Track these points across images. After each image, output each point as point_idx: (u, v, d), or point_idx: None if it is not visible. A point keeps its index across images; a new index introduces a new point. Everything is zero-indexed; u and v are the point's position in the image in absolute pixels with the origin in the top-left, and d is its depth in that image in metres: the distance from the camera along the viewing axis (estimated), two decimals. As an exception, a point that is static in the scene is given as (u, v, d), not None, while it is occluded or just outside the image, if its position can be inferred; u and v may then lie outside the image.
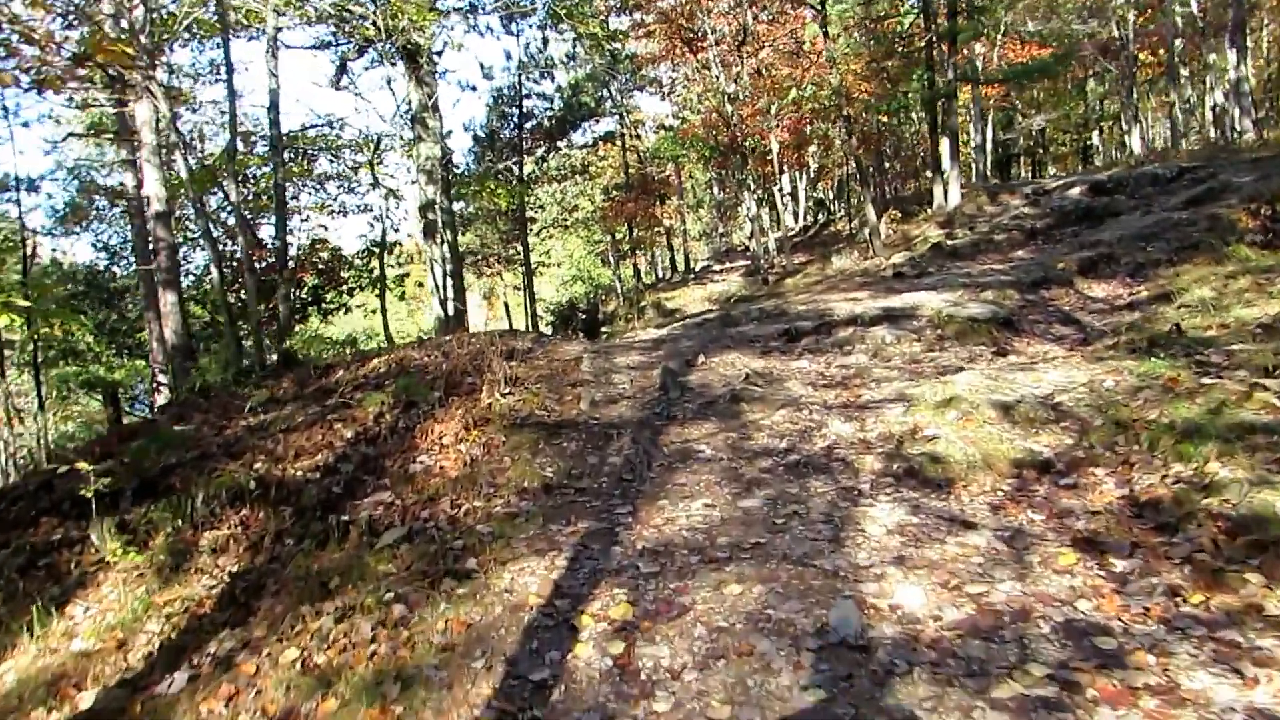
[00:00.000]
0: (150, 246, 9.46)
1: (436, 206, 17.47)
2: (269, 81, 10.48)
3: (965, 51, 18.79)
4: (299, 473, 6.39)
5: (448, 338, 11.00)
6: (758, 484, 5.62)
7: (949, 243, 15.75)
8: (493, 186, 18.05)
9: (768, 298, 15.39)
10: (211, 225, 18.35)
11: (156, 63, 10.05)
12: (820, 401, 7.53)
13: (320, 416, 7.54)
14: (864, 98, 16.68)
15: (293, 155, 17.91)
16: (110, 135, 14.62)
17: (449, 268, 17.49)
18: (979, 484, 5.33)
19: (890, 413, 6.82)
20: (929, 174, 32.45)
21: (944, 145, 18.77)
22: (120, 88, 9.70)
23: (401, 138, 17.96)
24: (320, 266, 22.28)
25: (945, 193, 18.37)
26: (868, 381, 8.16)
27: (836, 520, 4.92)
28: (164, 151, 10.15)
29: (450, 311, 17.51)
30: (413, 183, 17.55)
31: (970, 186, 19.97)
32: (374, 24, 14.38)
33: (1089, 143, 41.82)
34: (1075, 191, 17.14)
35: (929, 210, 18.96)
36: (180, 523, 5.83)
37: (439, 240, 17.56)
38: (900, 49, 18.63)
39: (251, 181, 18.54)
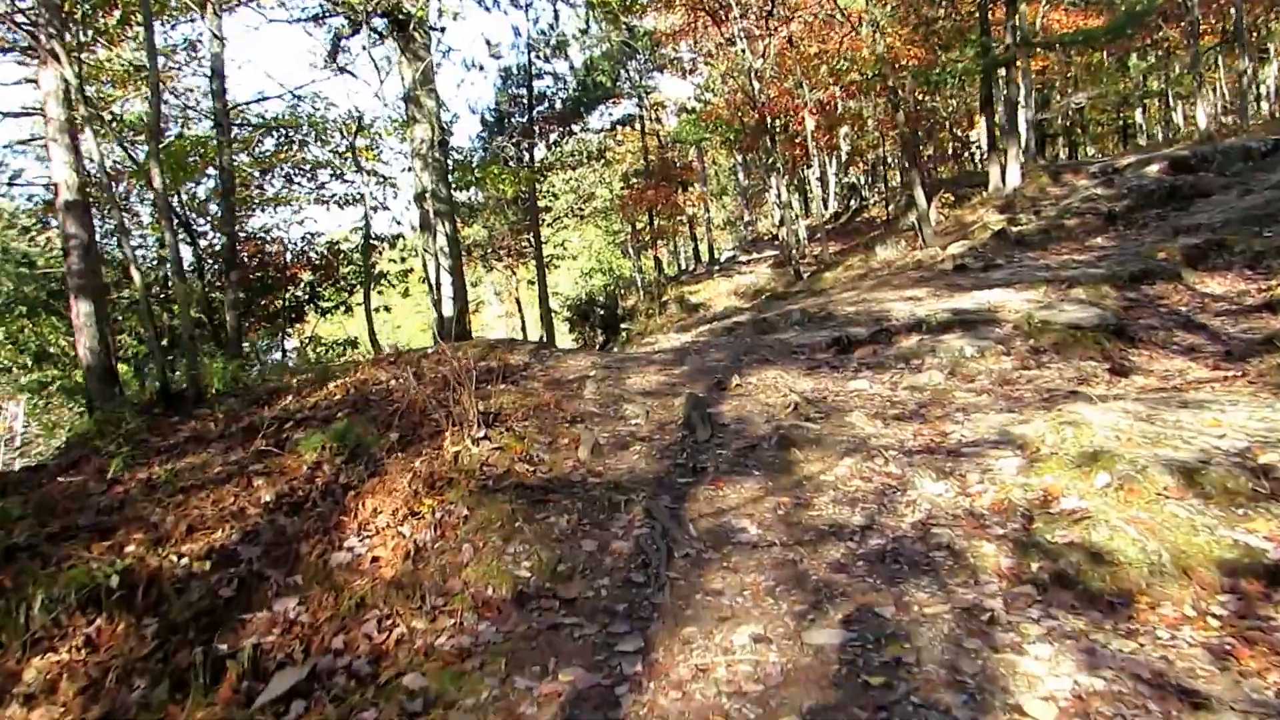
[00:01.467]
0: (61, 245, 7.67)
1: (432, 195, 15.68)
2: (210, 45, 8.76)
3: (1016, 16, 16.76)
4: (186, 560, 4.62)
5: (431, 350, 9.23)
6: (830, 595, 3.78)
7: (1014, 229, 13.78)
8: (496, 173, 16.27)
9: (805, 295, 13.50)
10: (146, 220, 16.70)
11: (68, 22, 8.31)
12: (895, 443, 5.68)
13: (241, 468, 5.77)
14: (913, 65, 14.70)
15: (277, 138, 16.17)
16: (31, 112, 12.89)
17: (448, 263, 15.73)
18: (1174, 603, 3.48)
19: (998, 464, 4.97)
20: (976, 153, 30.41)
21: (1000, 119, 16.73)
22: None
23: (393, 119, 16.19)
24: (316, 262, 20.56)
25: (1003, 173, 16.37)
26: (951, 411, 6.31)
27: (969, 679, 3.08)
28: (95, 128, 8.40)
29: (450, 311, 15.75)
30: (407, 169, 15.80)
31: (1030, 166, 17.92)
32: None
33: (1129, 121, 39.54)
34: (1153, 169, 15.09)
35: (984, 193, 16.97)
36: (5, 638, 4.09)
37: (436, 232, 15.80)
38: (945, 13, 16.59)
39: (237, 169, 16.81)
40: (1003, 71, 15.74)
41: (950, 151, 34.47)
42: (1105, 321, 7.74)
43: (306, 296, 21.63)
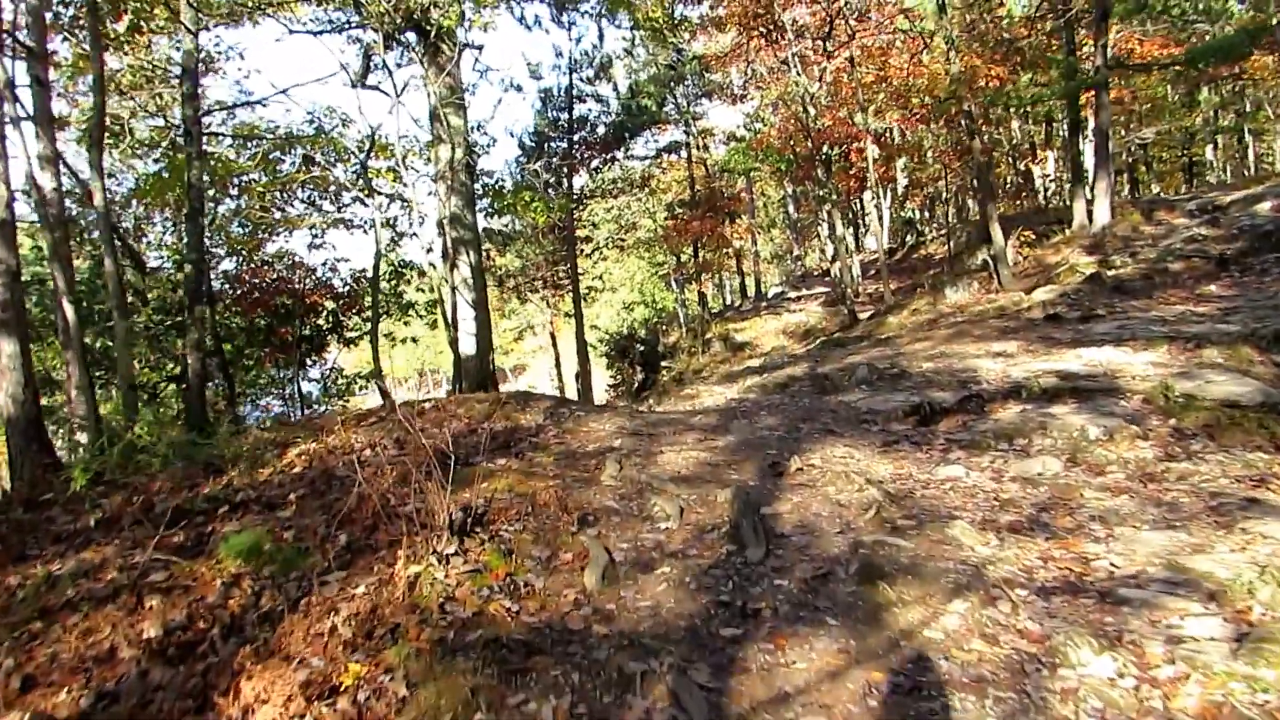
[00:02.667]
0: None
1: (456, 221, 14.38)
2: (183, 39, 7.50)
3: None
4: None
5: (433, 404, 7.82)
6: None
7: (1109, 273, 12.09)
8: (528, 199, 14.95)
9: (868, 344, 11.90)
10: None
11: None
12: (1021, 572, 4.12)
13: (137, 578, 4.34)
14: (993, 86, 13.09)
15: (293, 158, 15.01)
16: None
17: (471, 296, 14.38)
18: None
19: (1187, 627, 3.42)
20: (1043, 189, 28.59)
21: (1083, 149, 15.07)
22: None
23: (417, 139, 14.98)
24: (340, 290, 19.34)
25: (1090, 209, 14.68)
26: (1084, 521, 4.74)
27: None
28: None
29: (470, 350, 14.38)
30: (431, 193, 14.54)
31: (1119, 202, 16.19)
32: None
33: (1197, 158, 37.49)
34: (1265, 206, 13.32)
35: (1066, 231, 15.28)
36: None
37: (459, 262, 14.48)
38: (1029, 31, 14.98)
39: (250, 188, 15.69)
40: (1093, 96, 14.09)
41: (1010, 186, 32.67)
42: (1272, 399, 6.07)
43: (329, 325, 20.47)
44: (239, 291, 17.82)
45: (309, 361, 21.38)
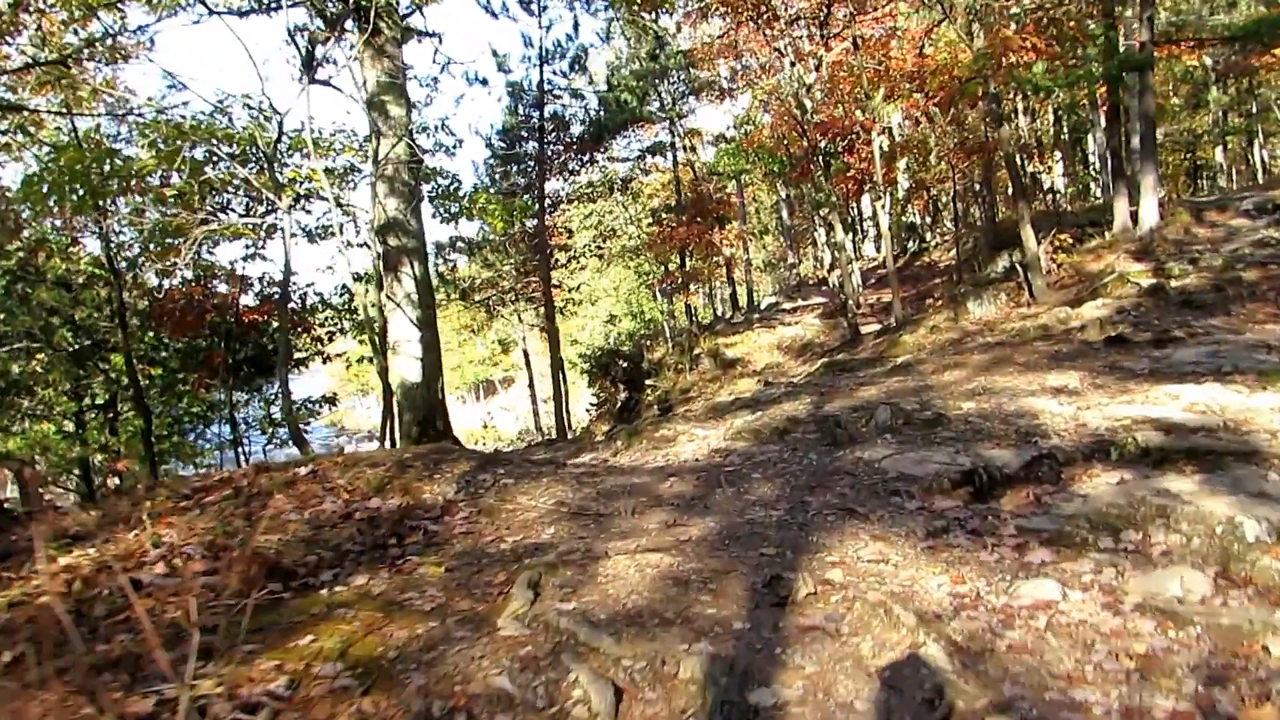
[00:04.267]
0: None
1: (394, 227, 12.38)
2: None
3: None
4: None
5: (307, 469, 5.81)
6: None
7: (1171, 284, 10.13)
8: (483, 203, 12.98)
9: (884, 371, 9.90)
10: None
11: None
12: None
13: None
14: (1025, 64, 11.09)
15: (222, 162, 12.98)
16: None
17: (416, 314, 12.38)
18: None
19: None
20: (1052, 195, 26.66)
21: (1124, 139, 13.11)
22: None
23: (356, 133, 12.98)
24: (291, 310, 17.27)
25: (1134, 209, 12.74)
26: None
27: None
28: None
29: (414, 377, 12.37)
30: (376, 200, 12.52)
31: (1168, 202, 14.23)
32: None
33: (1205, 161, 35.85)
34: (1339, 204, 11.38)
35: (1106, 235, 13.32)
36: None
37: (401, 274, 12.48)
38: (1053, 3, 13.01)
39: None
40: (1135, 77, 12.17)
41: (1025, 185, 30.77)
42: None
43: (272, 347, 18.40)
44: (163, 311, 15.79)
45: (251, 386, 19.33)
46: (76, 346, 15.30)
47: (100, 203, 12.83)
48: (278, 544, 4.34)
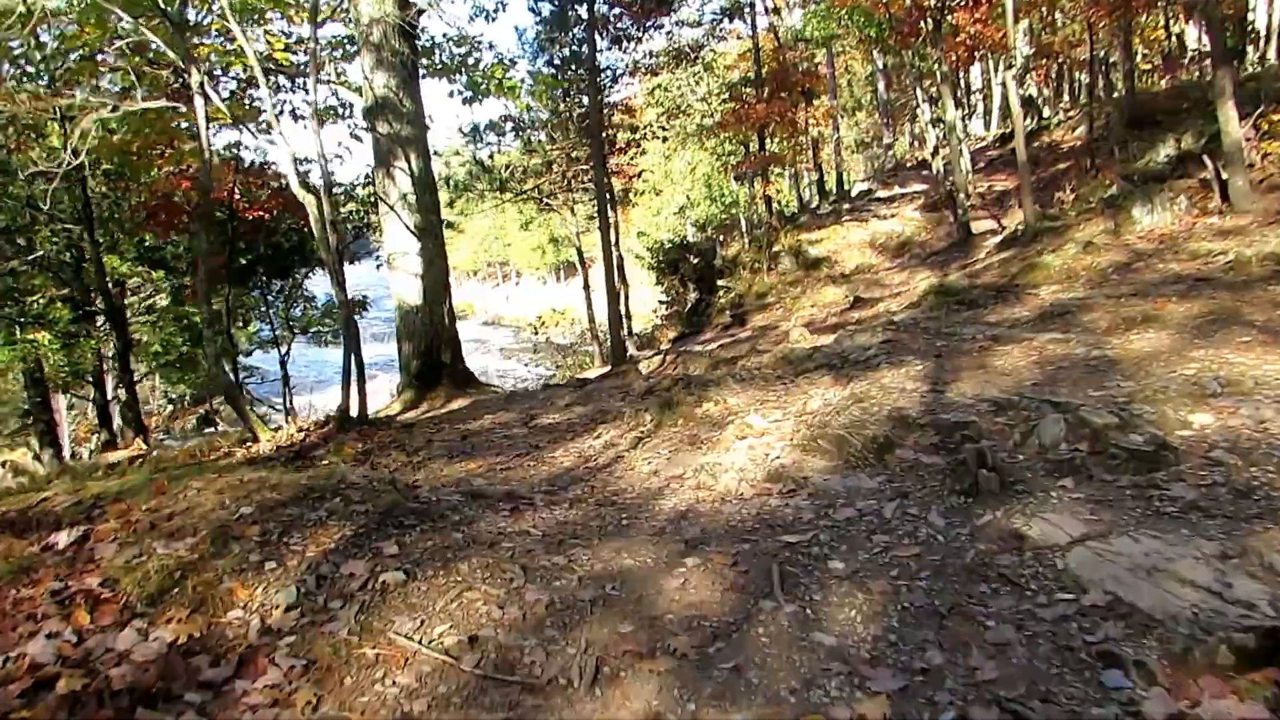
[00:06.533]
0: None
1: (388, 108, 9.80)
2: None
3: None
4: None
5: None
6: None
7: None
8: (499, 78, 10.24)
9: (1030, 315, 7.08)
10: None
11: None
12: None
13: None
14: None
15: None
16: None
17: (414, 219, 9.89)
18: None
19: None
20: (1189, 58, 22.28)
21: None
22: None
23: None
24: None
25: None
26: None
27: None
28: None
29: (415, 299, 9.98)
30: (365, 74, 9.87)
31: None
32: None
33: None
34: None
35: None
36: None
37: (393, 170, 9.95)
38: None
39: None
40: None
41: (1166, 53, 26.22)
42: None
43: (289, 246, 16.27)
44: (151, 210, 13.62)
45: (267, 289, 17.32)
46: (54, 247, 13.32)
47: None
48: None
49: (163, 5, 6.79)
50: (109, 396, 15.05)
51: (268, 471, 4.16)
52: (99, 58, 10.63)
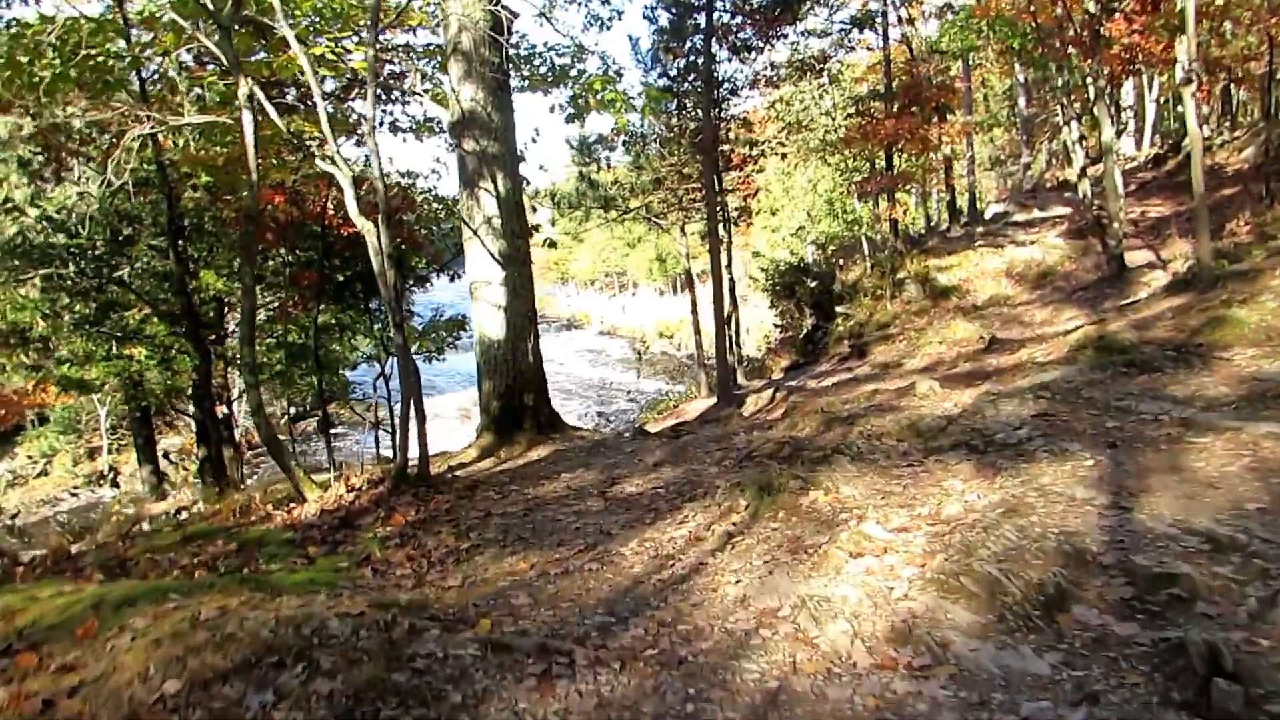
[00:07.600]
0: None
1: (471, 121, 8.97)
2: None
3: None
4: None
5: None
6: None
7: None
8: (599, 89, 9.32)
9: (1231, 402, 5.66)
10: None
11: None
12: None
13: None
14: None
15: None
16: None
17: (499, 245, 9.04)
18: None
19: None
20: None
21: None
22: None
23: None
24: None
25: None
26: None
27: None
28: None
29: (498, 333, 9.11)
30: (451, 84, 9.09)
31: None
32: None
33: None
34: None
35: None
36: None
37: (479, 191, 9.12)
38: None
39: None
40: None
41: None
42: None
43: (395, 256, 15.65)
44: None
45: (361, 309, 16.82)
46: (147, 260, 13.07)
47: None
48: None
49: (212, 6, 6.09)
50: (220, 414, 14.84)
51: (241, 601, 3.23)
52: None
